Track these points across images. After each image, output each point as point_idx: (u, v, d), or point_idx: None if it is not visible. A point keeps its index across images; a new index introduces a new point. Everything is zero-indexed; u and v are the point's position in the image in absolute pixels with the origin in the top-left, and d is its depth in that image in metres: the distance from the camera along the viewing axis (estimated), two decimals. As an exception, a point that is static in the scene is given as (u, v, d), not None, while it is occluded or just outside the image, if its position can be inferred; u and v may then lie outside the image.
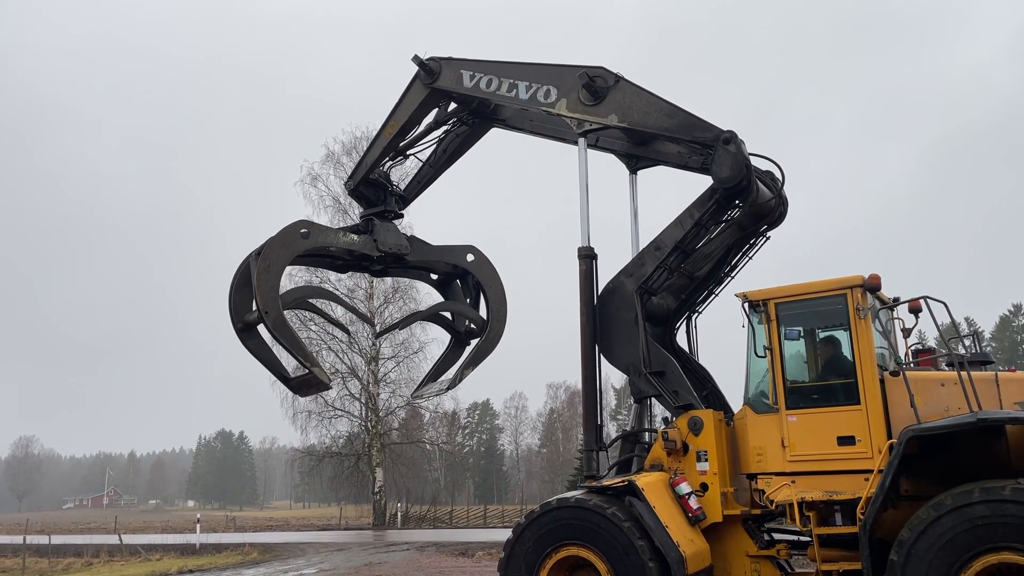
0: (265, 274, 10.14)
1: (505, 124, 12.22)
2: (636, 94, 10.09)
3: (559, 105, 10.57)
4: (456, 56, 11.37)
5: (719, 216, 9.93)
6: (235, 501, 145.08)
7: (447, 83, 11.35)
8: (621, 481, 8.95)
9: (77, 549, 32.10)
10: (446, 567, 19.54)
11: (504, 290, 12.27)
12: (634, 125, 10.14)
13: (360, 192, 12.26)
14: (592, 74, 10.23)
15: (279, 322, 10.16)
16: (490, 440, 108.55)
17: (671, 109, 9.86)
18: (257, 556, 26.42)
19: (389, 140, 11.85)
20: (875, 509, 7.59)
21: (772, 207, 9.96)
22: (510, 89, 10.94)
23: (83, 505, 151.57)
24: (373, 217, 11.83)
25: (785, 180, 10.06)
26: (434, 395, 12.97)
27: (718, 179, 9.41)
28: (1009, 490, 6.95)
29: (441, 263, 12.17)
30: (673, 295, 10.47)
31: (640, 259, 10.24)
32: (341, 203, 41.46)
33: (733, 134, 9.37)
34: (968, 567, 7.01)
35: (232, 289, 10.85)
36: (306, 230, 10.78)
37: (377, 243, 11.48)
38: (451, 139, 12.38)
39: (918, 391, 8.10)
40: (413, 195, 12.73)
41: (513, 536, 9.17)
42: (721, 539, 9.05)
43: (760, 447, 8.88)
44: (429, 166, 12.61)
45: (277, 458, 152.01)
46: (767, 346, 8.89)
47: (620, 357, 10.08)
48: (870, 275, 8.63)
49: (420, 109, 11.69)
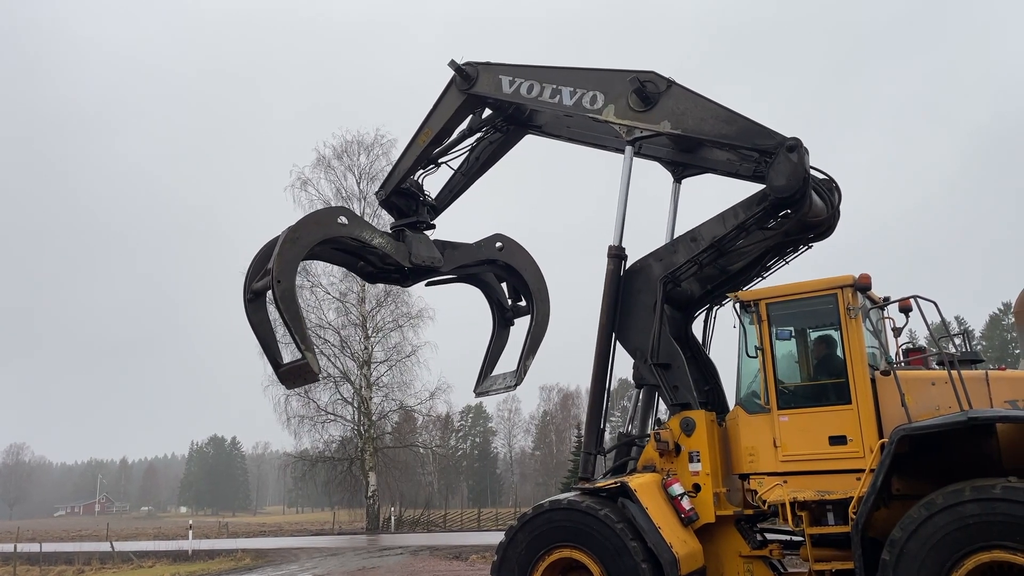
0: (290, 244, 9.88)
1: (541, 131, 11.90)
2: (690, 99, 9.58)
3: (607, 111, 10.07)
4: (494, 61, 10.97)
5: (764, 222, 9.48)
6: (228, 507, 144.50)
7: (485, 89, 10.96)
8: (614, 482, 8.93)
9: (68, 556, 31.87)
10: (440, 571, 19.49)
11: (539, 268, 12.06)
12: (689, 132, 9.62)
13: (391, 202, 11.87)
14: (643, 79, 9.70)
15: (288, 294, 9.84)
16: (483, 443, 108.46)
17: (729, 115, 9.36)
18: (250, 562, 26.32)
19: (423, 148, 11.48)
20: (867, 508, 7.60)
21: (823, 220, 9.57)
22: (553, 95, 10.48)
23: (75, 512, 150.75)
24: (404, 228, 11.51)
25: (841, 197, 9.68)
26: (502, 391, 12.51)
27: (773, 187, 8.96)
28: (1000, 489, 6.96)
29: (472, 262, 11.91)
30: (699, 283, 10.23)
31: (673, 246, 10.04)
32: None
33: (798, 141, 8.90)
34: (960, 565, 7.02)
35: (254, 261, 10.61)
36: (345, 218, 10.51)
37: (411, 254, 11.18)
38: (484, 146, 12.08)
39: (909, 390, 8.11)
40: (444, 204, 12.31)
41: (506, 539, 9.15)
42: (714, 540, 9.05)
43: (752, 447, 8.88)
44: (461, 174, 12.24)
45: (270, 463, 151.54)
46: (758, 346, 8.90)
47: (630, 339, 9.96)
48: (860, 275, 8.65)
49: (456, 116, 11.34)
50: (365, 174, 42.22)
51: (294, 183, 41.16)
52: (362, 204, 41.72)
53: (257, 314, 10.56)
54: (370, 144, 42.33)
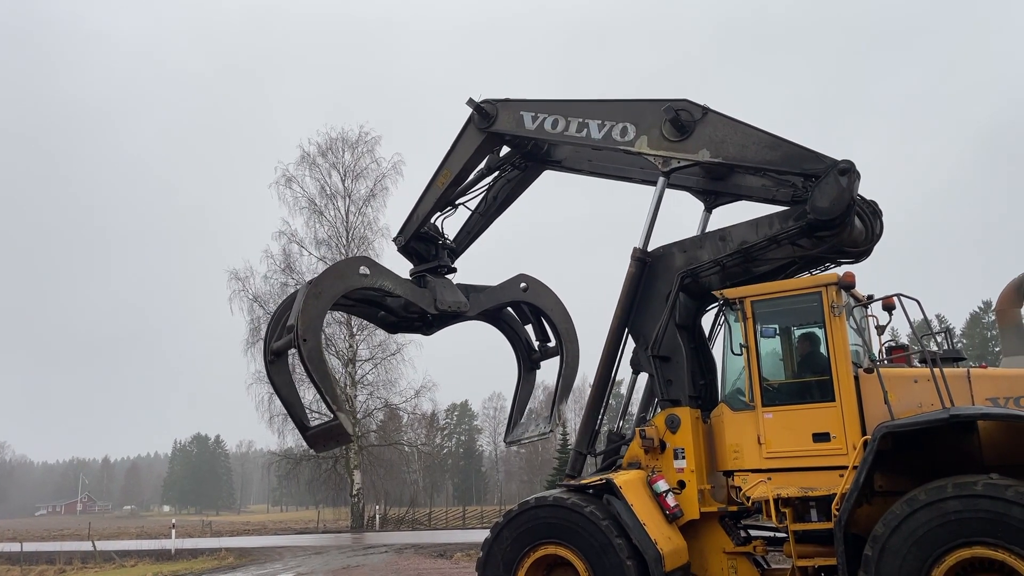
0: (314, 300, 9.56)
1: (560, 166, 11.65)
2: (729, 126, 9.31)
3: (639, 143, 9.74)
4: (513, 97, 10.74)
5: (797, 239, 9.17)
6: (211, 506, 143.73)
7: (505, 126, 10.69)
8: (599, 479, 8.95)
9: (50, 556, 31.53)
10: (424, 569, 19.46)
11: (566, 308, 11.74)
12: (730, 160, 9.32)
13: (411, 248, 11.49)
14: (676, 107, 9.43)
15: (315, 353, 9.52)
16: (469, 441, 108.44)
17: (772, 140, 9.08)
18: (233, 561, 26.17)
19: (443, 191, 11.16)
20: (850, 505, 7.64)
21: (859, 244, 9.36)
22: (580, 129, 10.18)
23: (56, 512, 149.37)
24: (426, 273, 11.24)
25: (883, 225, 9.52)
26: (535, 438, 12.32)
27: (815, 207, 8.68)
28: (981, 485, 7.02)
29: (497, 305, 11.66)
30: (720, 279, 9.86)
31: (700, 241, 9.81)
32: (316, 205, 41.32)
33: (851, 164, 8.66)
34: (941, 561, 7.08)
35: (273, 319, 10.33)
36: (366, 268, 10.20)
37: (436, 300, 10.87)
38: (502, 185, 11.87)
39: (891, 388, 8.17)
40: (464, 247, 12.02)
41: (491, 535, 9.14)
42: (698, 536, 9.08)
43: (737, 444, 8.91)
44: (479, 214, 11.97)
45: (254, 462, 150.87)
46: (743, 344, 8.93)
47: (635, 323, 9.84)
48: (844, 273, 8.70)
49: (476, 156, 11.05)
50: (350, 171, 42.09)
51: (279, 180, 41.02)
52: (346, 202, 41.65)
53: (280, 375, 10.25)
54: (354, 141, 42.21)
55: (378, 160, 42.09)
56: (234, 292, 40.20)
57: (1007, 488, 6.92)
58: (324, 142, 41.96)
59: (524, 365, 12.30)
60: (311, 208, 41.18)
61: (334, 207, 41.61)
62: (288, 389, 10.32)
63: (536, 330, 12.14)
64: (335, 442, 10.40)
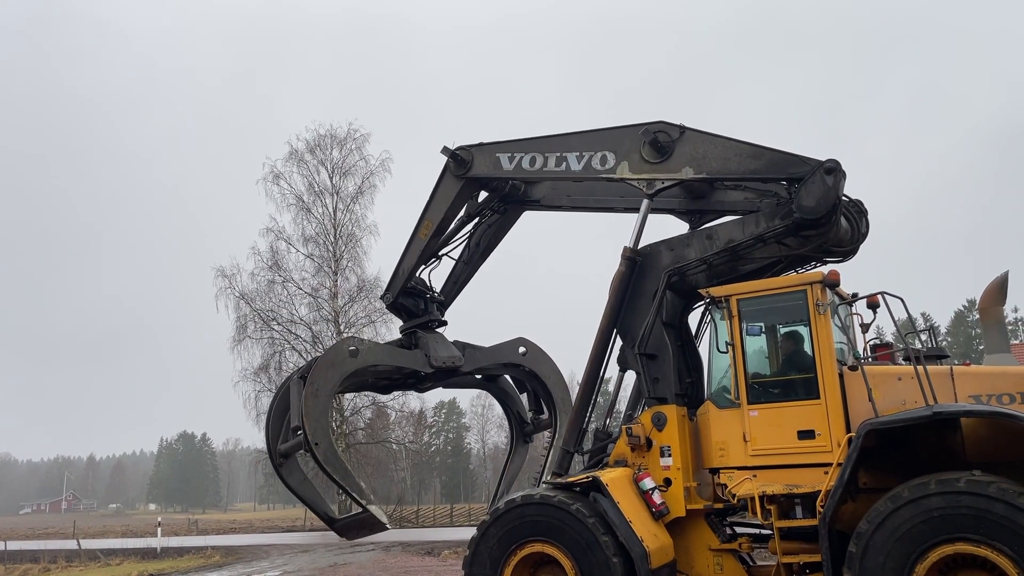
0: (313, 399, 9.44)
1: (540, 205, 11.61)
2: (708, 141, 9.40)
3: (620, 169, 9.81)
4: (486, 141, 10.73)
5: (783, 238, 9.28)
6: (198, 504, 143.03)
7: (482, 170, 10.69)
8: (585, 477, 8.97)
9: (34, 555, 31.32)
10: (412, 567, 19.45)
11: (563, 378, 11.57)
12: (714, 174, 9.40)
13: (399, 304, 11.35)
14: (653, 130, 9.53)
15: (330, 454, 9.46)
16: (457, 439, 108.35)
17: (753, 150, 9.17)
18: (220, 559, 26.09)
19: (426, 242, 11.08)
20: (834, 502, 7.68)
21: (845, 243, 9.41)
22: (559, 163, 10.20)
23: (41, 510, 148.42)
24: (416, 329, 11.12)
25: (869, 224, 9.55)
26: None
27: (801, 206, 8.77)
28: (964, 482, 7.08)
29: (493, 364, 11.52)
30: (706, 276, 9.92)
31: (687, 239, 9.83)
32: (304, 201, 41.15)
33: (837, 164, 8.74)
34: (924, 558, 7.13)
35: (270, 417, 10.13)
36: (354, 347, 10.09)
37: (429, 358, 10.72)
38: (483, 230, 11.82)
39: (876, 385, 8.23)
40: (452, 297, 11.90)
41: (478, 533, 9.14)
42: (684, 533, 9.11)
43: (722, 442, 8.94)
44: (463, 263, 11.87)
45: (241, 460, 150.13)
46: (729, 342, 8.96)
47: (622, 321, 9.85)
48: (829, 271, 8.75)
49: (456, 203, 11.01)
50: (338, 168, 41.94)
51: (266, 176, 40.82)
52: (334, 199, 41.48)
53: (293, 476, 10.14)
54: (343, 138, 42.05)
55: (366, 157, 42.02)
56: (220, 290, 40.00)
57: (989, 485, 6.98)
58: (312, 139, 41.86)
59: (517, 438, 12.14)
60: (299, 205, 41.05)
61: (322, 204, 41.50)
62: (304, 487, 10.20)
63: (531, 399, 11.93)
64: (369, 531, 10.29)
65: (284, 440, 9.98)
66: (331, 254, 41.08)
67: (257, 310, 39.84)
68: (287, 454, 10.05)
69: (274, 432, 10.14)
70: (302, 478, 10.30)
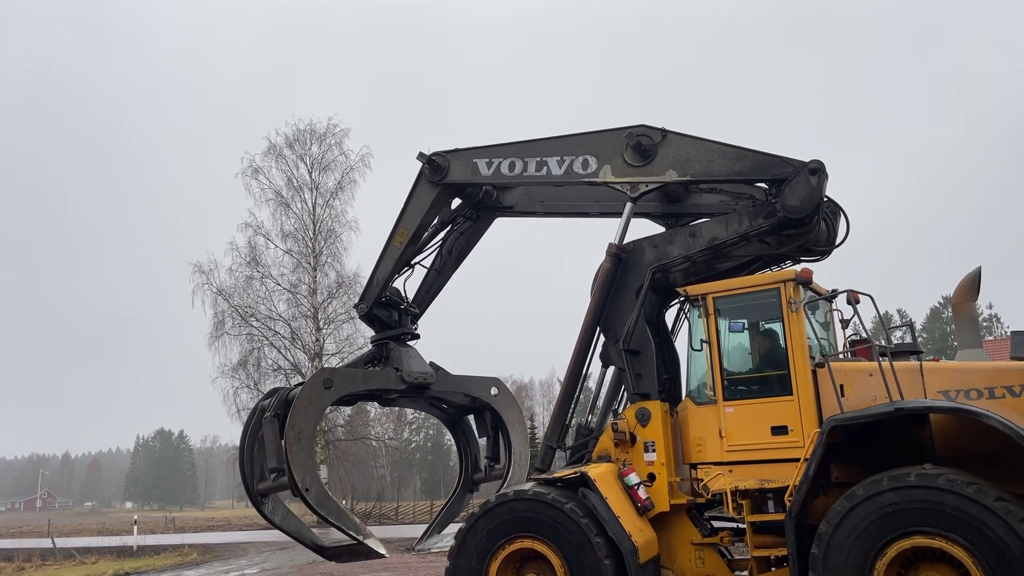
0: (297, 444, 9.28)
1: (513, 211, 11.56)
2: (691, 144, 9.49)
3: (603, 173, 9.84)
4: (462, 147, 10.62)
5: (765, 237, 9.40)
6: (175, 502, 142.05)
7: (458, 176, 10.58)
8: (573, 473, 9.03)
9: (8, 553, 31.01)
10: (392, 563, 19.46)
11: (527, 429, 11.41)
12: (698, 176, 9.51)
13: (372, 315, 11.16)
14: (636, 133, 9.60)
15: (322, 497, 9.34)
16: (437, 435, 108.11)
17: (736, 152, 9.29)
18: (197, 557, 25.96)
19: (401, 250, 10.90)
20: (801, 496, 7.78)
21: (822, 243, 9.54)
22: (539, 168, 10.16)
23: (15, 508, 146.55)
24: (389, 341, 10.98)
25: (849, 230, 9.62)
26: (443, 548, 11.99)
27: (785, 206, 8.90)
28: (914, 476, 7.20)
29: (461, 395, 11.38)
30: (684, 274, 9.98)
31: (670, 237, 9.91)
32: (283, 196, 40.85)
33: (821, 164, 8.86)
34: (883, 554, 7.22)
35: (243, 454, 9.96)
36: (328, 378, 9.98)
37: (401, 373, 10.59)
38: (455, 238, 11.71)
39: (849, 381, 8.36)
40: (424, 307, 11.74)
41: (466, 525, 9.15)
42: (667, 528, 9.20)
43: (700, 437, 9.06)
44: (435, 271, 11.75)
45: (219, 457, 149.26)
46: (704, 339, 9.07)
47: (606, 317, 9.90)
48: (802, 269, 8.88)
49: (432, 210, 10.88)
50: (317, 163, 41.69)
51: (245, 170, 40.46)
52: (313, 194, 41.23)
53: (276, 513, 10.04)
54: (322, 133, 41.74)
55: (346, 153, 41.74)
56: (198, 285, 39.63)
57: (938, 477, 7.10)
58: (291, 133, 41.48)
59: (463, 483, 11.96)
60: (277, 200, 40.73)
61: (301, 199, 41.21)
62: (289, 521, 10.10)
63: (490, 445, 11.77)
64: (364, 557, 10.22)
65: (262, 479, 9.81)
66: (310, 250, 40.84)
67: (235, 306, 39.51)
68: (266, 493, 9.92)
69: (250, 470, 9.95)
70: (285, 513, 10.16)
